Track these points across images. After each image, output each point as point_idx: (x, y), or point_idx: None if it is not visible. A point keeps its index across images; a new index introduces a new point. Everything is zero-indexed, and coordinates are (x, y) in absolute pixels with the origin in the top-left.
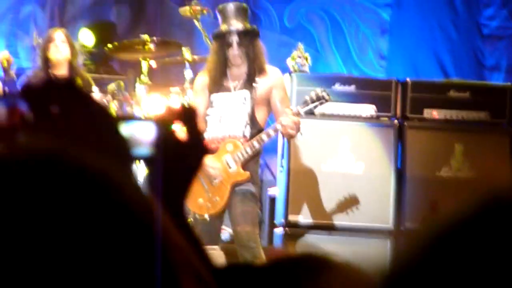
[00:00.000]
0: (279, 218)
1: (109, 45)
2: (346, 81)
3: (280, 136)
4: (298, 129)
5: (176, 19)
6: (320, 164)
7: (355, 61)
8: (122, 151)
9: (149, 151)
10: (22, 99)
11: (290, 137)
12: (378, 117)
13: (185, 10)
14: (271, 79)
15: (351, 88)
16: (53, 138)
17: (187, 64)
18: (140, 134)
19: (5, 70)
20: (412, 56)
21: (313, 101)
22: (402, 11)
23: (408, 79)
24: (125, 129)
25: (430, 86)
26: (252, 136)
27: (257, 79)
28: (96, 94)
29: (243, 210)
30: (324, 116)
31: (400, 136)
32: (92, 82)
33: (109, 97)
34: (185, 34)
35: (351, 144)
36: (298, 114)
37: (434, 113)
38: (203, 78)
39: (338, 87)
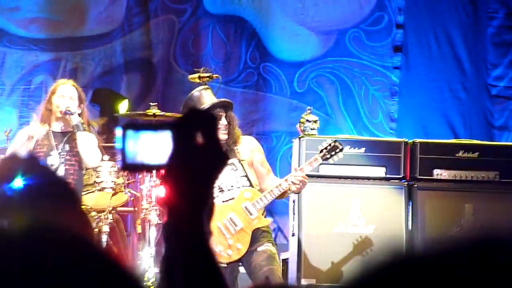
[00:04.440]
0: (292, 281)
1: (125, 119)
2: (356, 143)
3: (291, 202)
4: (304, 184)
5: (186, 85)
6: (332, 227)
7: (365, 124)
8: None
9: (164, 158)
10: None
11: (296, 191)
12: (388, 179)
13: (194, 78)
14: (248, 144)
15: (361, 150)
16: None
17: None
18: (157, 142)
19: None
20: (422, 117)
21: (327, 149)
22: (411, 72)
23: (417, 140)
24: (143, 138)
25: (439, 146)
26: None
27: (235, 147)
28: (106, 160)
29: (271, 268)
30: (334, 179)
31: (410, 197)
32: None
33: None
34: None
35: (362, 206)
36: (302, 169)
37: (444, 174)
38: None
39: (348, 150)
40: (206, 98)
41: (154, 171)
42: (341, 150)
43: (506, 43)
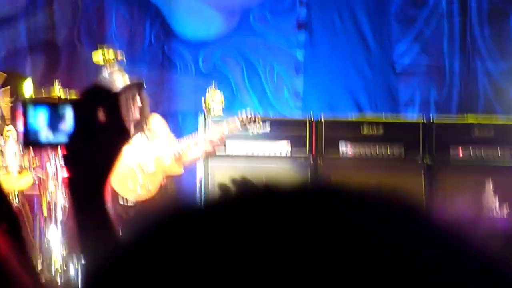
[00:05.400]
0: None
1: (26, 97)
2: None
3: (198, 181)
4: (221, 144)
5: (91, 66)
6: None
7: (271, 101)
8: None
9: (67, 136)
10: None
11: (212, 151)
12: (293, 157)
13: (98, 60)
14: (156, 121)
15: (267, 128)
16: None
17: None
18: (57, 118)
19: None
20: (327, 94)
21: (247, 119)
22: (316, 50)
23: (322, 118)
24: (44, 115)
25: (344, 123)
26: None
27: (145, 124)
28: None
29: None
30: (241, 157)
31: (316, 174)
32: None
33: None
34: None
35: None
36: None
37: (349, 150)
38: None
39: (258, 127)
40: (119, 78)
41: (57, 148)
42: (260, 124)
43: (410, 19)
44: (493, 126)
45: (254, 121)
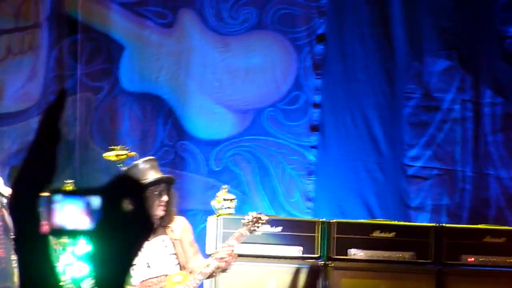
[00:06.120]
0: None
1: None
2: (273, 222)
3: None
4: (234, 259)
5: (102, 163)
6: None
7: (282, 203)
8: None
9: (91, 226)
10: None
11: (226, 267)
12: (304, 258)
13: (109, 155)
14: (180, 223)
15: (278, 229)
16: None
17: None
18: (81, 208)
19: None
20: (338, 197)
21: (250, 222)
22: (328, 152)
23: (332, 220)
24: (70, 204)
25: (355, 226)
26: None
27: (169, 225)
28: None
29: None
30: (251, 258)
31: (326, 276)
32: None
33: None
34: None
35: (278, 286)
36: (230, 246)
37: (360, 254)
38: None
39: (265, 229)
40: (152, 170)
41: (79, 237)
42: (265, 220)
43: (422, 123)
44: (505, 233)
45: (259, 220)
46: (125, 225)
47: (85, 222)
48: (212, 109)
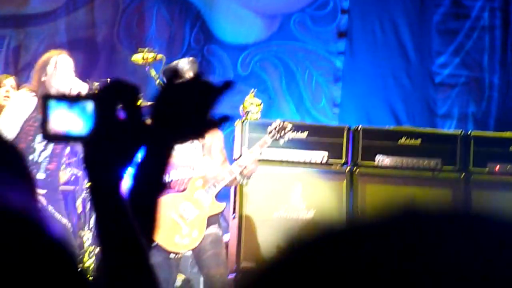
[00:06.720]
0: (231, 264)
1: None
2: (298, 128)
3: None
4: (256, 166)
5: (129, 66)
6: (272, 211)
7: (308, 108)
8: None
9: (85, 132)
10: None
11: (249, 175)
12: (329, 164)
13: (137, 58)
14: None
15: (303, 135)
16: None
17: None
18: (76, 113)
19: None
20: (365, 104)
21: (274, 130)
22: (355, 59)
23: (359, 126)
24: (64, 108)
25: (382, 133)
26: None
27: None
28: None
29: (215, 252)
30: (276, 162)
31: (351, 182)
32: None
33: None
34: (138, 80)
35: (303, 191)
36: (252, 153)
37: (386, 160)
38: None
39: (290, 133)
40: (191, 71)
41: (78, 142)
42: (290, 129)
43: (451, 31)
44: None
45: (284, 129)
46: (118, 129)
47: (80, 127)
48: (240, 13)
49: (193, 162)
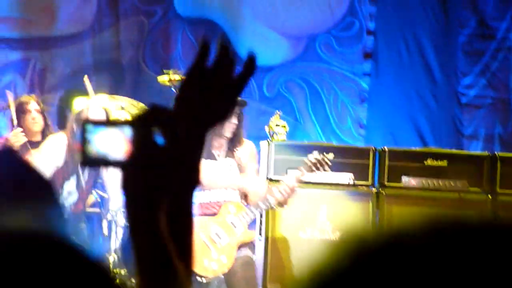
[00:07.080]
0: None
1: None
2: (324, 149)
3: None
4: (291, 195)
5: (154, 87)
6: (298, 232)
7: (334, 129)
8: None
9: (123, 157)
10: None
11: (284, 204)
12: (356, 186)
13: (163, 80)
14: (248, 149)
15: (329, 156)
16: None
17: None
18: (113, 139)
19: None
20: (390, 124)
21: (313, 164)
22: (381, 80)
23: (385, 147)
24: (102, 133)
25: (408, 154)
26: None
27: (237, 148)
28: None
29: (245, 276)
30: (302, 184)
31: (377, 204)
32: None
33: None
34: (164, 102)
35: (329, 212)
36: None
37: (412, 182)
38: None
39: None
40: None
41: (114, 167)
42: (330, 165)
43: (477, 52)
44: None
45: (323, 165)
46: (155, 155)
47: (118, 151)
48: (266, 34)
49: (228, 184)
